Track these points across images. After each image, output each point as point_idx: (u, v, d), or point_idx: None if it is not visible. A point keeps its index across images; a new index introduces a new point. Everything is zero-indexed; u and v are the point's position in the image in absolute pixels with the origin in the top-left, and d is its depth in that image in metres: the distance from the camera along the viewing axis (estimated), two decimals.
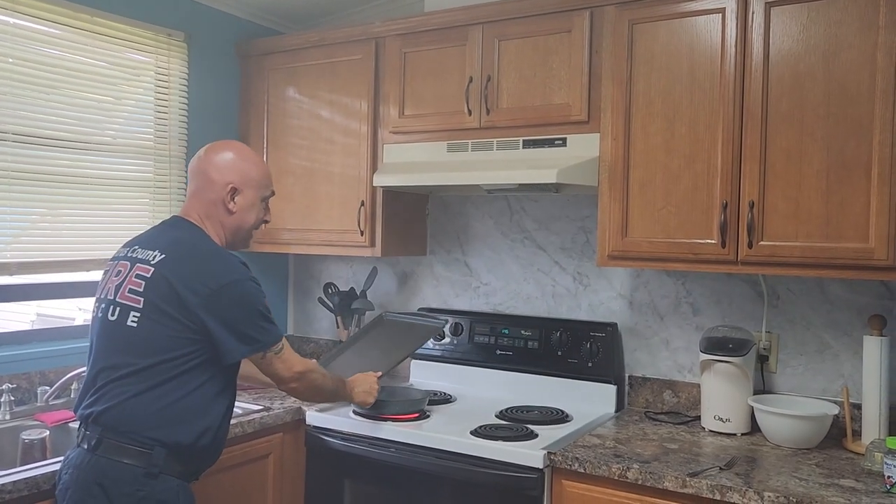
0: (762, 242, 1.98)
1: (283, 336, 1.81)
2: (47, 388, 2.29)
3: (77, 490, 1.62)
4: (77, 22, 2.43)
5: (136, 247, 1.77)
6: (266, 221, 1.92)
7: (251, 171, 1.84)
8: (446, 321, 2.63)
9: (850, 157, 1.88)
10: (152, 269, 1.68)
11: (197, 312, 1.64)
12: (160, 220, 1.90)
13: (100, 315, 1.74)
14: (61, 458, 1.80)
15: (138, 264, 1.71)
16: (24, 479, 1.69)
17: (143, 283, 1.67)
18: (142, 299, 1.66)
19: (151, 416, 1.63)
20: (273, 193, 1.92)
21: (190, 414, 1.67)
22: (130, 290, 1.69)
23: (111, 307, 1.70)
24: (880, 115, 1.84)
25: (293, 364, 1.83)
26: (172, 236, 1.76)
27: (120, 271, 1.74)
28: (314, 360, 1.96)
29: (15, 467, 1.79)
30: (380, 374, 2.25)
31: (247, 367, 1.90)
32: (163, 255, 1.70)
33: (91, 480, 1.61)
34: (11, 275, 2.29)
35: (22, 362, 2.28)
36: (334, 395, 2.07)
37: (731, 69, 2.02)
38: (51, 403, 2.27)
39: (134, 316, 1.66)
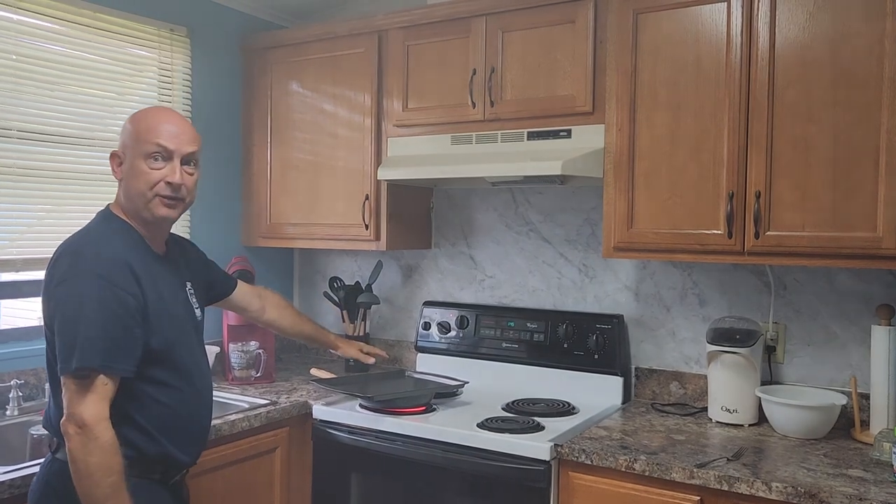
0: (769, 232, 1.97)
1: (99, 365, 1.44)
2: None
3: (35, 492, 1.60)
4: (80, 18, 2.42)
5: None
6: (170, 183, 1.60)
7: (129, 128, 1.62)
8: (466, 382, 2.48)
9: (858, 146, 1.86)
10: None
11: (47, 317, 1.52)
12: None
13: None
14: None
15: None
16: (33, 473, 1.69)
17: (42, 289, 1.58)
18: (42, 307, 1.58)
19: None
20: (164, 149, 1.60)
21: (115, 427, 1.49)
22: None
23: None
24: (888, 103, 1.82)
25: (88, 406, 1.43)
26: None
27: None
28: (114, 446, 1.47)
29: (24, 462, 1.80)
30: None
31: (310, 329, 2.12)
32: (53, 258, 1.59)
33: (46, 483, 1.58)
34: (17, 271, 2.30)
35: (29, 358, 2.29)
36: (93, 486, 1.44)
37: (736, 58, 2.00)
38: None
39: (44, 325, 1.58)
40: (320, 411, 2.37)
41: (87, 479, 1.44)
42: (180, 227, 2.71)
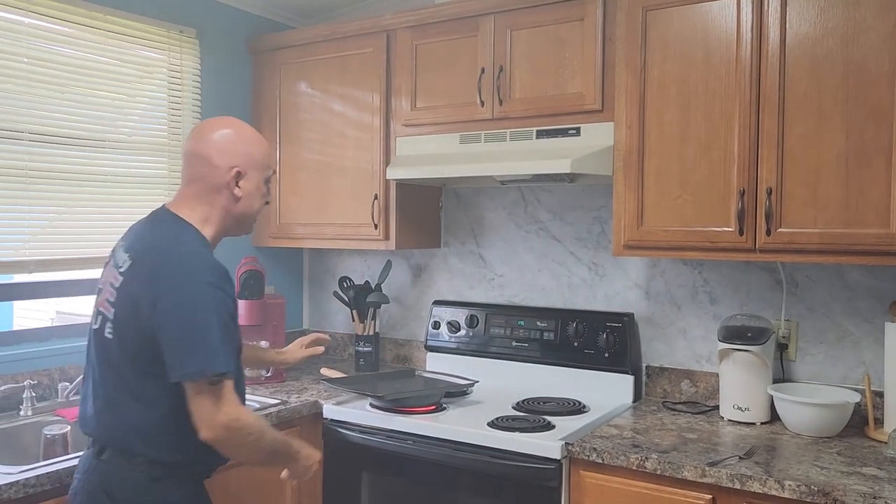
0: (780, 229, 1.96)
1: (228, 371, 1.50)
2: (67, 384, 2.31)
3: (84, 496, 1.59)
4: (90, 20, 2.44)
5: (122, 244, 1.65)
6: (267, 203, 1.74)
7: (254, 152, 1.66)
8: (476, 381, 2.49)
9: (870, 142, 1.85)
10: (121, 278, 1.57)
11: (151, 323, 1.49)
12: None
13: (90, 321, 1.66)
14: (83, 453, 1.81)
15: (113, 270, 1.61)
16: (47, 473, 1.71)
17: (115, 293, 1.57)
18: (113, 310, 1.57)
19: (138, 430, 1.54)
20: (274, 172, 1.79)
21: (171, 431, 1.54)
22: (106, 300, 1.59)
23: (96, 315, 1.63)
24: None
25: (226, 408, 1.49)
26: (148, 237, 1.62)
27: (105, 273, 1.66)
28: (256, 415, 1.66)
29: (38, 462, 1.82)
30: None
31: (247, 352, 1.81)
32: (130, 262, 1.57)
33: (97, 487, 1.57)
34: (30, 273, 2.31)
35: (43, 359, 2.31)
36: (270, 455, 1.65)
37: (746, 55, 1.99)
38: (71, 399, 2.30)
39: (109, 327, 1.57)
40: (331, 411, 2.38)
41: (258, 450, 1.59)
42: None
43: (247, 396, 2.42)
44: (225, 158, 1.62)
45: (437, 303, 2.88)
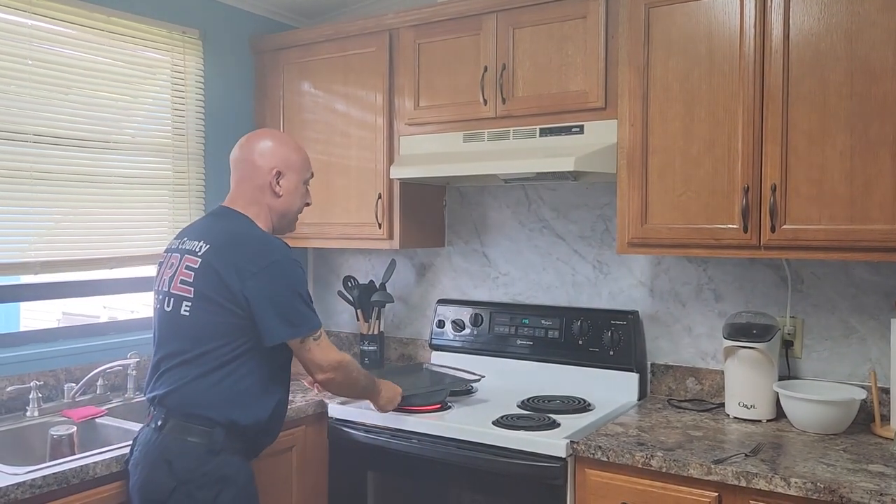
0: (785, 226, 1.95)
1: (321, 325, 1.85)
2: (73, 384, 2.32)
3: (146, 465, 1.74)
4: (93, 22, 2.45)
5: (185, 238, 1.86)
6: (308, 204, 1.99)
7: (292, 156, 1.92)
8: (483, 376, 2.46)
9: (875, 137, 1.84)
10: (199, 259, 1.77)
11: (242, 295, 1.71)
12: (180, 217, 1.94)
13: (158, 306, 1.85)
14: (89, 454, 1.85)
15: (187, 255, 1.80)
16: (54, 473, 1.71)
17: (193, 273, 1.77)
18: (192, 289, 1.76)
19: (208, 400, 1.73)
20: (312, 176, 1.99)
21: (244, 398, 1.76)
22: (182, 281, 1.78)
23: (166, 298, 1.82)
24: None
25: (331, 353, 1.86)
26: (218, 226, 1.85)
27: (172, 263, 1.84)
28: (349, 355, 1.96)
29: (44, 462, 1.82)
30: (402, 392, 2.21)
31: None
32: (208, 245, 1.78)
33: (158, 457, 1.72)
34: (36, 274, 2.32)
35: (49, 360, 2.32)
36: (364, 392, 2.08)
37: (750, 51, 1.99)
38: (77, 400, 2.31)
39: (186, 306, 1.77)
40: (336, 410, 2.38)
41: (357, 386, 2.01)
42: None
43: None
44: (266, 161, 1.88)
45: (442, 301, 2.88)
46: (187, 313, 1.76)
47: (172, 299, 1.80)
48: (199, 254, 1.78)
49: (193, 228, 1.91)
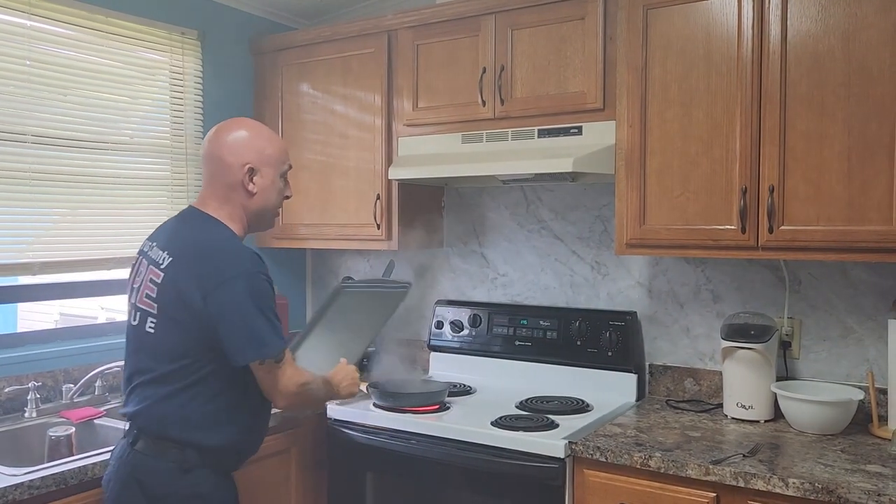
0: (783, 227, 1.96)
1: (285, 346, 1.67)
2: (72, 385, 2.32)
3: (117, 482, 1.67)
4: (92, 23, 2.44)
5: (154, 244, 1.73)
6: (287, 197, 1.83)
7: (266, 149, 1.74)
8: (410, 283, 2.38)
9: (872, 138, 1.85)
10: (162, 274, 1.65)
11: (205, 313, 1.58)
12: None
13: (127, 317, 1.75)
14: (87, 455, 1.86)
15: (152, 267, 1.68)
16: (52, 474, 1.72)
17: (156, 288, 1.65)
18: (156, 305, 1.65)
19: (178, 420, 1.63)
20: (290, 167, 1.83)
21: (214, 419, 1.65)
22: (147, 296, 1.67)
23: (133, 311, 1.71)
24: None
25: (294, 376, 1.68)
26: (184, 234, 1.71)
27: (140, 271, 1.73)
28: (308, 371, 1.78)
29: (42, 463, 1.82)
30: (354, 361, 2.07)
31: None
32: (171, 259, 1.65)
33: (128, 475, 1.65)
34: (35, 274, 2.32)
35: (47, 361, 2.32)
36: (325, 399, 1.93)
37: (748, 52, 1.99)
38: (75, 401, 2.31)
39: (151, 322, 1.66)
40: (334, 410, 2.38)
41: (319, 400, 1.91)
42: None
43: None
44: (237, 157, 1.71)
45: (440, 302, 2.88)
46: (152, 330, 1.65)
47: (139, 313, 1.68)
48: (163, 267, 1.65)
49: (162, 232, 1.76)
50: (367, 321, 2.24)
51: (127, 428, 1.72)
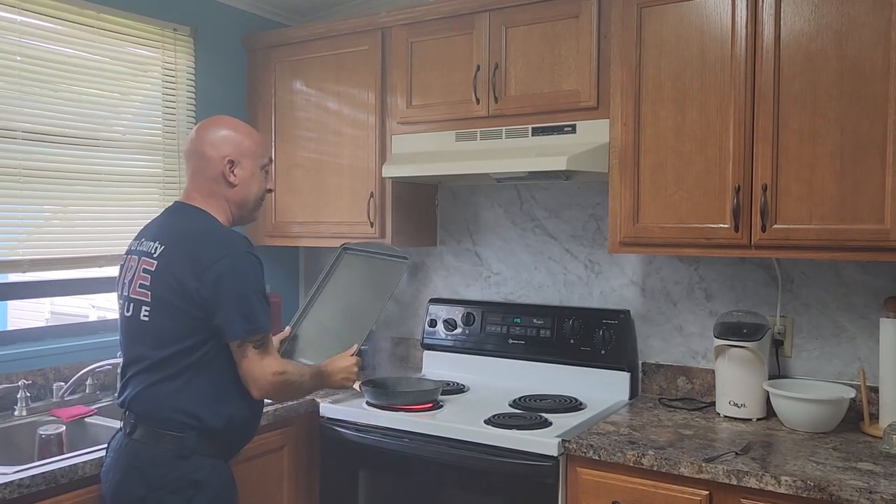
0: (776, 226, 1.96)
1: (269, 329, 1.74)
2: (62, 383, 2.30)
3: (117, 472, 1.71)
4: (83, 18, 2.43)
5: (143, 238, 1.80)
6: (270, 190, 1.92)
7: (245, 141, 1.82)
8: (408, 257, 2.31)
9: (865, 138, 1.85)
10: (155, 262, 1.71)
11: (198, 293, 1.65)
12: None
13: (120, 311, 1.80)
14: (78, 453, 1.84)
15: (143, 258, 1.75)
16: (42, 473, 1.70)
17: (150, 276, 1.71)
18: (149, 293, 1.71)
19: (176, 404, 1.68)
20: (270, 161, 1.91)
21: (212, 401, 1.70)
22: (140, 286, 1.73)
23: (126, 303, 1.76)
24: (895, 93, 1.81)
25: (271, 365, 1.73)
26: (173, 225, 1.78)
27: (131, 266, 1.79)
28: (287, 361, 1.87)
29: (32, 462, 1.81)
30: (355, 347, 2.05)
31: None
32: (163, 247, 1.72)
33: (129, 464, 1.69)
34: (25, 272, 2.30)
35: (37, 359, 2.30)
36: (312, 389, 1.95)
37: (741, 51, 2.00)
38: (66, 399, 2.29)
39: (145, 310, 1.71)
40: (327, 409, 2.37)
41: (303, 391, 1.89)
42: None
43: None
44: (217, 150, 1.79)
45: (434, 301, 2.88)
46: (147, 318, 1.70)
47: (132, 304, 1.73)
48: (155, 256, 1.72)
49: (151, 228, 1.83)
50: (371, 297, 2.23)
51: (124, 418, 1.75)
